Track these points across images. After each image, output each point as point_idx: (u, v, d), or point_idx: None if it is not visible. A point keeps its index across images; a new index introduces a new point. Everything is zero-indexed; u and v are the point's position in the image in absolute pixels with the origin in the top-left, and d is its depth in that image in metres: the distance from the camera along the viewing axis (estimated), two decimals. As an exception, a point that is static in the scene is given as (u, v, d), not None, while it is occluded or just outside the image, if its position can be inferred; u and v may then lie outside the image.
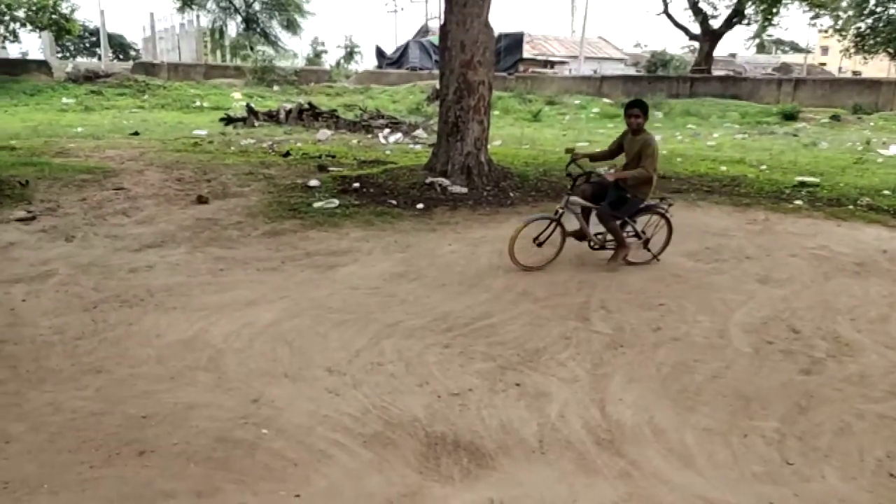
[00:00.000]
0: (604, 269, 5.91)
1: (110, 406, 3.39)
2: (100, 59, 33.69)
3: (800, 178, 10.45)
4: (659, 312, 4.96)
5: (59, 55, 33.86)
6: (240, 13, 24.60)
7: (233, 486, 2.78)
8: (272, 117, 18.40)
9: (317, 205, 8.05)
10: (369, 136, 16.61)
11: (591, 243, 6.04)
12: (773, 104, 23.79)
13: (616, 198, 5.77)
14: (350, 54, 38.97)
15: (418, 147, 14.44)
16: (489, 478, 2.95)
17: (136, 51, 42.14)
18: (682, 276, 5.82)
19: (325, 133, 16.04)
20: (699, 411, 3.55)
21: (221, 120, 18.09)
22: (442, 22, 9.96)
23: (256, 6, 30.58)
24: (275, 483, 2.82)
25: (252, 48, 29.57)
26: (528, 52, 37.37)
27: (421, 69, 31.35)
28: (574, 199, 5.83)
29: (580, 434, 3.30)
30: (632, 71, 40.26)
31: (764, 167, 11.93)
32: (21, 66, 24.24)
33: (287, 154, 12.17)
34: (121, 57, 40.01)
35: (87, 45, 41.80)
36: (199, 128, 16.53)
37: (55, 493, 2.70)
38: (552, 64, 38.44)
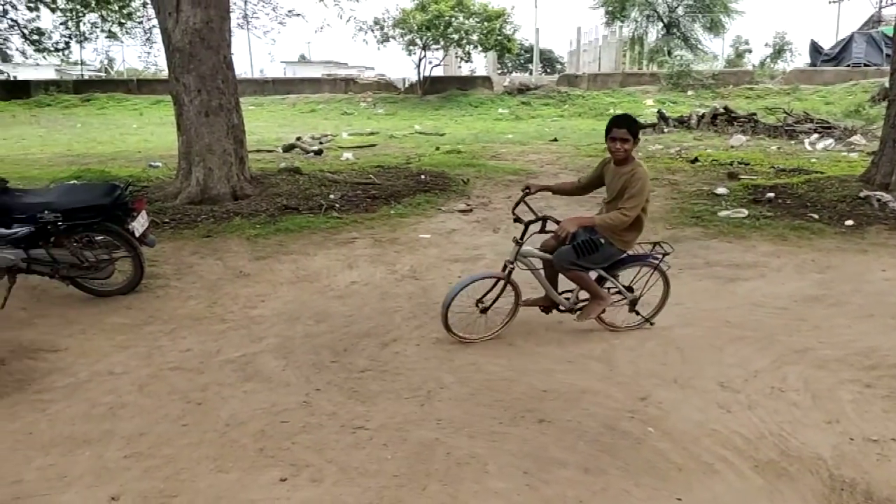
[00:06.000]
0: None
1: (518, 375, 3.91)
2: (531, 73, 37.79)
3: None
4: None
5: (499, 71, 39.06)
6: (662, 19, 24.73)
7: (617, 472, 2.94)
8: (682, 123, 18.10)
9: (722, 214, 7.70)
10: (792, 141, 15.01)
11: (560, 306, 4.48)
12: None
13: (585, 240, 4.17)
14: (778, 52, 35.51)
15: (853, 155, 12.48)
16: (911, 547, 2.48)
17: (562, 64, 46.02)
18: None
19: (739, 138, 15.09)
20: None
21: (632, 126, 18.53)
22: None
23: (680, 11, 30.31)
24: (657, 480, 2.88)
25: (670, 53, 29.44)
26: None
27: (866, 65, 26.73)
28: (528, 249, 4.30)
29: None
30: None
31: None
32: (470, 82, 28.83)
33: (695, 160, 11.86)
34: (548, 70, 44.27)
35: (522, 61, 47.38)
36: (611, 134, 17.23)
37: (472, 438, 3.25)
38: None
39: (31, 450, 3.17)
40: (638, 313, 4.54)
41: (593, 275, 4.33)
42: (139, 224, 5.22)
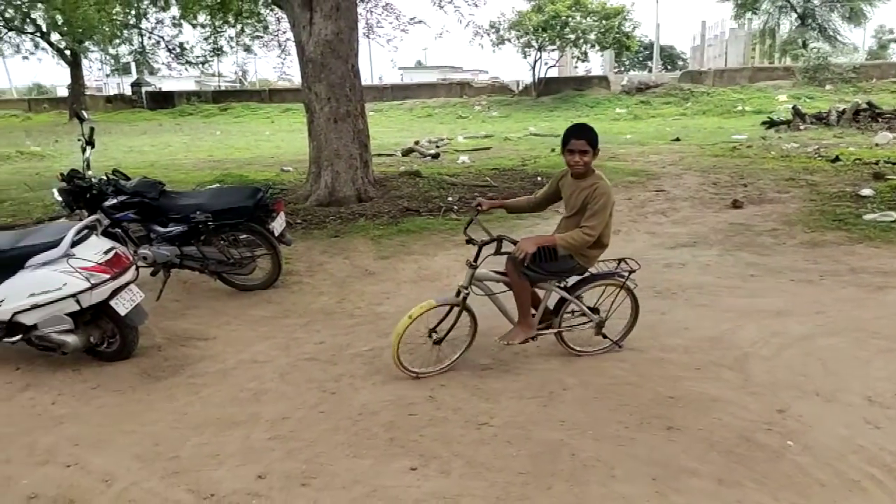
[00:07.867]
0: None
1: (643, 381, 3.83)
2: (650, 71, 36.55)
3: None
4: None
5: (616, 70, 38.08)
6: (795, 10, 23.11)
7: (753, 486, 2.82)
8: (821, 119, 16.87)
9: (868, 217, 7.13)
10: (950, 138, 13.57)
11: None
12: None
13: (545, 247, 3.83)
14: (932, 40, 32.16)
15: None
16: None
17: (684, 60, 44.13)
18: None
19: (885, 136, 13.83)
20: None
21: (763, 124, 17.53)
22: None
23: (816, 0, 28.19)
24: (797, 497, 2.73)
25: (805, 45, 27.48)
26: None
27: None
28: (483, 272, 3.93)
29: None
30: None
31: None
32: (586, 82, 28.37)
33: (836, 159, 11.02)
34: (668, 67, 42.54)
35: (640, 58, 45.88)
36: (739, 132, 16.37)
37: (597, 441, 3.24)
38: None
39: (187, 429, 3.51)
40: (605, 336, 4.21)
41: (555, 297, 4.06)
42: (278, 224, 5.62)
